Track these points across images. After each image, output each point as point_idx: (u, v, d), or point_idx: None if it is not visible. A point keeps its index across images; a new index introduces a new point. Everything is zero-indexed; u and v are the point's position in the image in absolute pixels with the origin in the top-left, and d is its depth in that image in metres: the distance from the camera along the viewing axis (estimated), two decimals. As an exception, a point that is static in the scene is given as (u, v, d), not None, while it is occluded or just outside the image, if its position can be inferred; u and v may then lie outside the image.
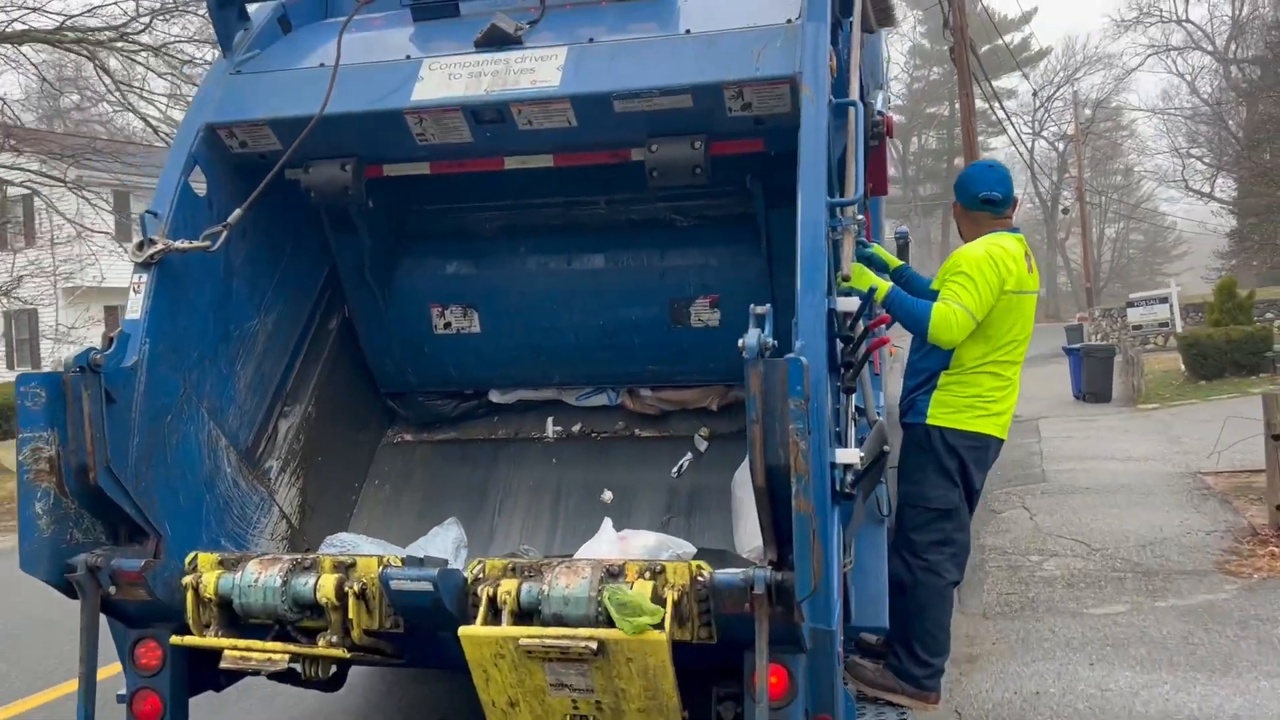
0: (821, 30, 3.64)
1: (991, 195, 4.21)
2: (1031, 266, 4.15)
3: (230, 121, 4.02)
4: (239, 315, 4.22)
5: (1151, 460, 11.23)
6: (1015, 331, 4.10)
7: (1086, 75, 64.34)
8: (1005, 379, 4.13)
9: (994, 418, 4.13)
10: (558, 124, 3.85)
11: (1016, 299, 4.06)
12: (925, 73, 74.08)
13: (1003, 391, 4.13)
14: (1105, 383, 17.97)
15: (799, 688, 3.08)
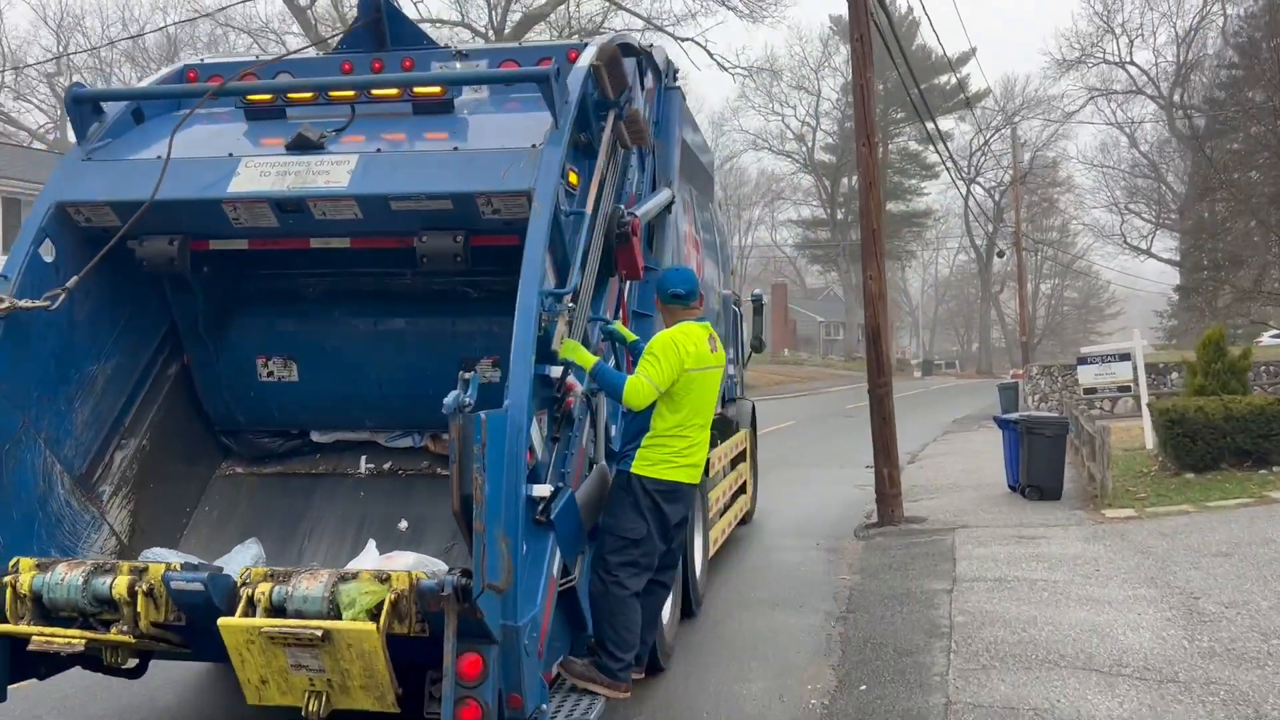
0: (555, 154, 4.60)
1: (678, 291, 5.22)
2: (716, 348, 5.16)
3: (77, 201, 4.84)
4: (79, 362, 5.00)
5: (1168, 664, 5.90)
6: (698, 401, 5.05)
7: (1026, 119, 64.07)
8: (693, 440, 5.10)
9: (684, 469, 5.08)
10: (346, 216, 4.75)
11: (699, 375, 5.02)
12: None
13: (691, 447, 5.09)
14: (1054, 472, 12.28)
15: (491, 671, 3.93)
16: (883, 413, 11.08)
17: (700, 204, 8.52)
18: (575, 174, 4.84)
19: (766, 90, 68.63)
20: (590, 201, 4.88)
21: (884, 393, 11.02)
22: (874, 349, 11.15)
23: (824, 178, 71.42)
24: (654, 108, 6.86)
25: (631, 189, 6.05)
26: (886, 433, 11.02)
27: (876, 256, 11.12)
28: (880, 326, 11.13)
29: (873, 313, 11.18)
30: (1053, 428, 12.42)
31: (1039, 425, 12.49)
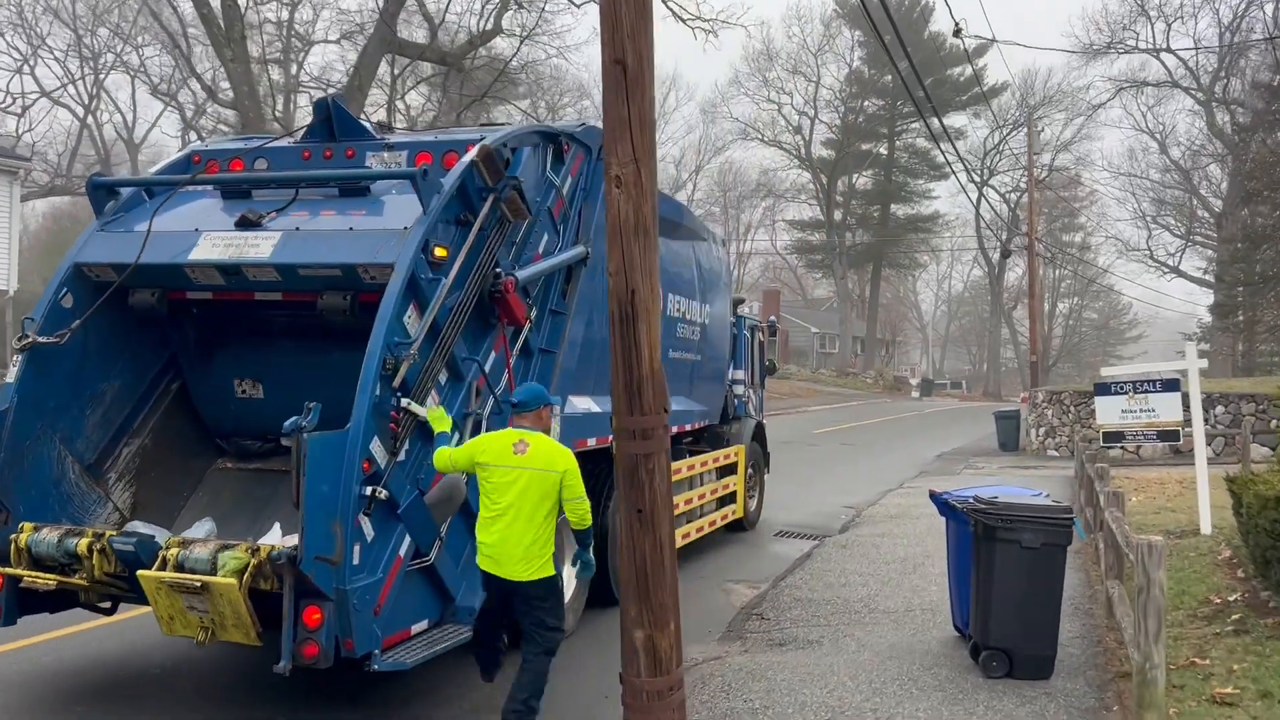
0: (418, 234, 6.04)
1: (512, 400, 6.00)
2: (523, 451, 5.62)
3: (88, 262, 6.59)
4: (91, 381, 6.75)
5: None
6: (491, 495, 5.67)
7: (1047, 113, 57.09)
8: (486, 530, 5.70)
9: (482, 557, 5.73)
10: (270, 278, 6.33)
11: (494, 471, 5.64)
12: (861, 104, 64.76)
13: (484, 538, 5.71)
14: (1039, 623, 6.72)
15: (327, 621, 5.40)
16: (644, 500, 5.15)
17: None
18: (443, 248, 6.27)
19: (761, 74, 63.18)
20: (456, 267, 6.29)
21: (649, 452, 5.08)
22: (626, 341, 5.12)
23: (821, 174, 65.16)
24: (584, 177, 8.23)
25: (538, 249, 7.45)
26: (652, 558, 5.18)
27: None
28: (639, 305, 5.09)
29: (624, 278, 5.16)
30: (1038, 531, 6.57)
31: (1012, 524, 6.59)
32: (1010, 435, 25.30)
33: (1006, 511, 6.70)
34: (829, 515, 14.76)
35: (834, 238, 64.46)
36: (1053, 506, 6.81)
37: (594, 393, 8.42)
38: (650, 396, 5.08)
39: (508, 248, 7.06)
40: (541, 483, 5.58)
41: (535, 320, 7.54)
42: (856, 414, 40.14)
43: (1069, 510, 6.82)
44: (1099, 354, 70.68)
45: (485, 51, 33.93)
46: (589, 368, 8.26)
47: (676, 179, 65.37)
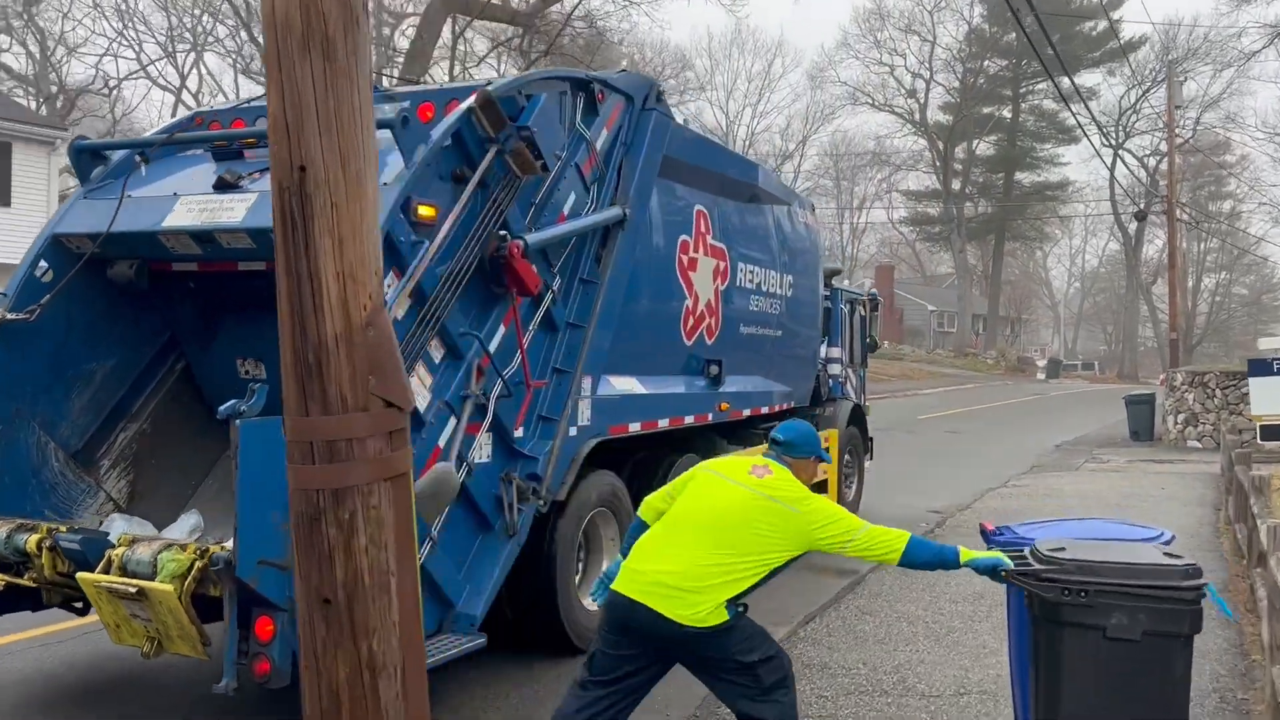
0: (395, 191, 5.27)
1: (775, 436, 4.86)
2: (760, 474, 4.50)
3: (66, 233, 6.07)
4: (76, 361, 6.25)
5: None
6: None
7: (1191, 67, 50.94)
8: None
9: None
10: (244, 245, 5.66)
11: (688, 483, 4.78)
12: (982, 63, 60.91)
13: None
14: None
15: (280, 633, 4.71)
16: (332, 580, 2.88)
17: (724, 213, 8.84)
18: (430, 206, 5.48)
19: (872, 34, 59.50)
20: (447, 228, 5.50)
21: (342, 486, 2.82)
22: (295, 268, 2.96)
23: (938, 140, 61.47)
24: (624, 129, 7.33)
25: (562, 210, 6.60)
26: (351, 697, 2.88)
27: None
28: (316, 194, 2.74)
29: (286, 140, 2.76)
30: (1136, 611, 4.00)
31: (1090, 597, 4.04)
32: (1143, 423, 22.54)
33: (1080, 577, 4.03)
34: (907, 522, 11.76)
35: (952, 208, 61.21)
36: (1165, 566, 4.07)
37: (636, 371, 7.54)
38: (344, 376, 2.79)
39: (522, 208, 6.24)
40: (767, 514, 4.29)
41: (562, 290, 6.71)
42: (971, 398, 37.73)
43: (1194, 574, 4.03)
44: (1250, 333, 64.87)
45: (563, 10, 32.37)
46: (630, 343, 7.38)
47: (783, 149, 63.56)
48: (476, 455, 5.94)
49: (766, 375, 10.03)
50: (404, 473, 2.76)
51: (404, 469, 2.77)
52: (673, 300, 8.03)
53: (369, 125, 2.71)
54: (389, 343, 2.81)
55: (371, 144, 2.66)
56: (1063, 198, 66.26)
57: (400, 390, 2.83)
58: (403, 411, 2.79)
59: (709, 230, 8.61)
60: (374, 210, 2.85)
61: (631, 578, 4.29)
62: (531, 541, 6.43)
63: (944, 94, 63.06)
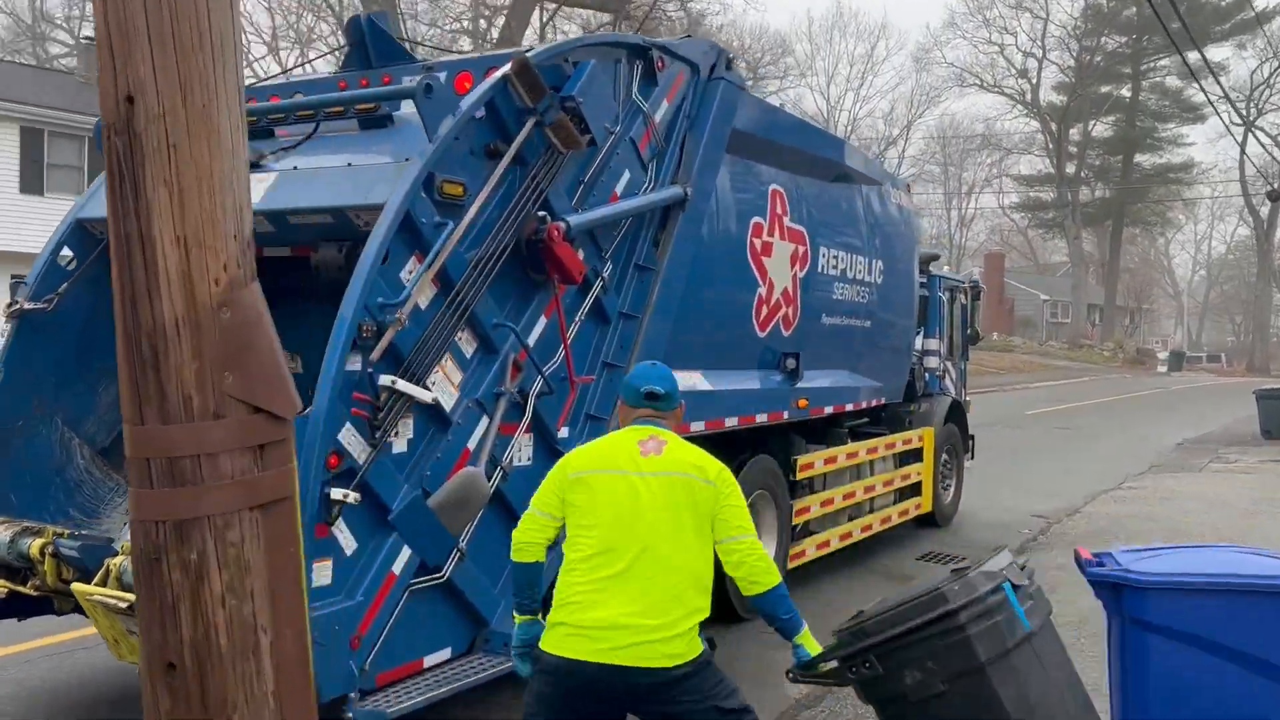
0: (416, 167, 4.76)
1: (646, 388, 3.84)
2: (656, 449, 3.62)
3: (89, 218, 5.75)
4: (102, 353, 5.91)
5: None
6: (589, 522, 3.59)
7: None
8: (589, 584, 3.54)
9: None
10: (264, 229, 5.21)
11: (580, 487, 3.67)
12: (1099, 40, 57.66)
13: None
14: None
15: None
16: (177, 644, 2.16)
17: (805, 193, 8.14)
18: (457, 184, 4.96)
19: (980, 12, 56.72)
20: (476, 208, 4.97)
21: (189, 518, 2.11)
22: (125, 234, 2.19)
23: (1051, 122, 58.41)
24: (687, 101, 6.71)
25: (614, 189, 6.02)
26: None
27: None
28: (146, 134, 2.12)
29: (113, 66, 2.12)
30: (923, 659, 3.45)
31: (886, 673, 3.51)
32: (1276, 420, 20.69)
33: (860, 645, 3.55)
34: (1006, 528, 11.24)
35: (1066, 193, 58.35)
36: (932, 594, 3.51)
37: (700, 365, 6.92)
38: (188, 372, 2.13)
39: (568, 187, 5.68)
40: (690, 493, 3.52)
41: (614, 278, 6.13)
42: (1085, 391, 35.57)
43: (971, 587, 3.50)
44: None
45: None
46: (693, 335, 6.76)
47: (886, 135, 61.53)
48: (515, 458, 5.42)
49: (854, 369, 9.28)
50: (282, 498, 2.17)
51: (280, 494, 2.15)
52: (743, 288, 7.37)
53: (226, 48, 2.03)
54: (258, 329, 2.20)
55: (233, 74, 2.06)
56: (1187, 180, 62.91)
57: (275, 391, 2.15)
58: (279, 420, 2.19)
59: (786, 211, 7.92)
60: (235, 158, 2.18)
61: (579, 637, 3.34)
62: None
63: (1058, 73, 60.50)
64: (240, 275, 2.14)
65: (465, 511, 4.90)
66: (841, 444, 9.09)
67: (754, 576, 3.50)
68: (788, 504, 7.97)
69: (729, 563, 3.52)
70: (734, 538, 3.51)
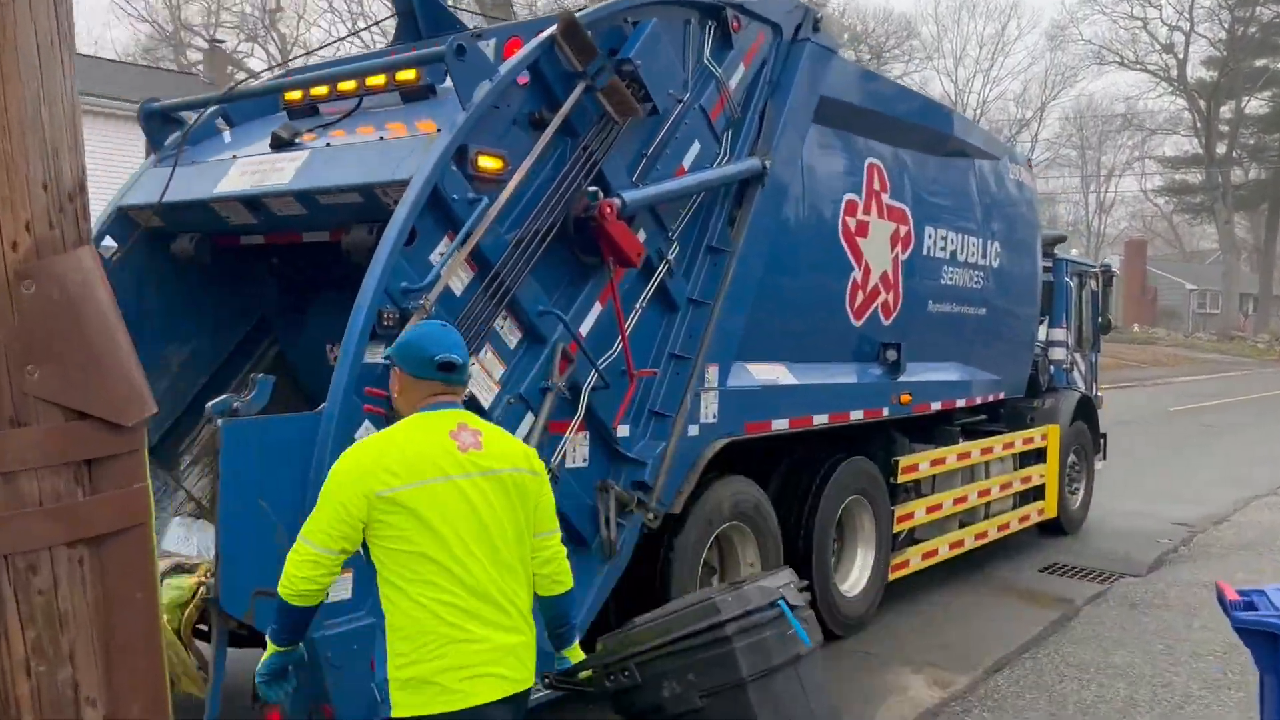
0: (445, 139, 4.29)
1: (439, 356, 3.06)
2: (474, 443, 3.02)
3: (130, 205, 5.50)
4: (150, 347, 5.65)
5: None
6: (417, 541, 2.97)
7: None
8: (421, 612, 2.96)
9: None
10: (294, 212, 4.86)
11: (393, 504, 2.97)
12: (1254, 10, 52.80)
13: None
14: None
15: (290, 679, 3.86)
16: None
17: (907, 167, 7.41)
18: (495, 156, 4.48)
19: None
20: (515, 184, 4.48)
21: None
22: None
23: (1200, 99, 53.92)
24: (767, 65, 6.10)
25: (680, 162, 5.46)
26: None
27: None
28: None
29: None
30: (684, 670, 3.26)
31: (644, 683, 3.29)
32: None
33: (621, 653, 3.35)
34: (1144, 537, 10.09)
35: (1216, 175, 54.04)
36: (706, 603, 3.33)
37: (784, 357, 6.29)
38: None
39: (628, 161, 5.15)
40: (521, 491, 3.03)
41: (682, 260, 5.56)
42: (1236, 387, 32.69)
43: (746, 600, 3.31)
44: None
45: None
46: (776, 323, 6.15)
47: (1019, 117, 58.63)
48: (567, 459, 4.92)
49: (966, 361, 8.46)
50: (124, 530, 1.68)
51: (120, 523, 1.67)
52: (835, 272, 6.70)
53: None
54: (82, 309, 1.69)
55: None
56: None
57: (107, 390, 1.64)
58: (116, 428, 1.70)
59: (885, 188, 7.20)
60: (48, 81, 1.65)
61: (471, 681, 2.83)
62: (644, 564, 5.36)
63: (1207, 47, 56.29)
64: (55, 238, 1.65)
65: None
66: (952, 443, 8.30)
67: (560, 575, 3.19)
68: (888, 510, 7.26)
69: (540, 558, 3.10)
70: (550, 531, 3.17)
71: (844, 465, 6.74)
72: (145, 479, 1.70)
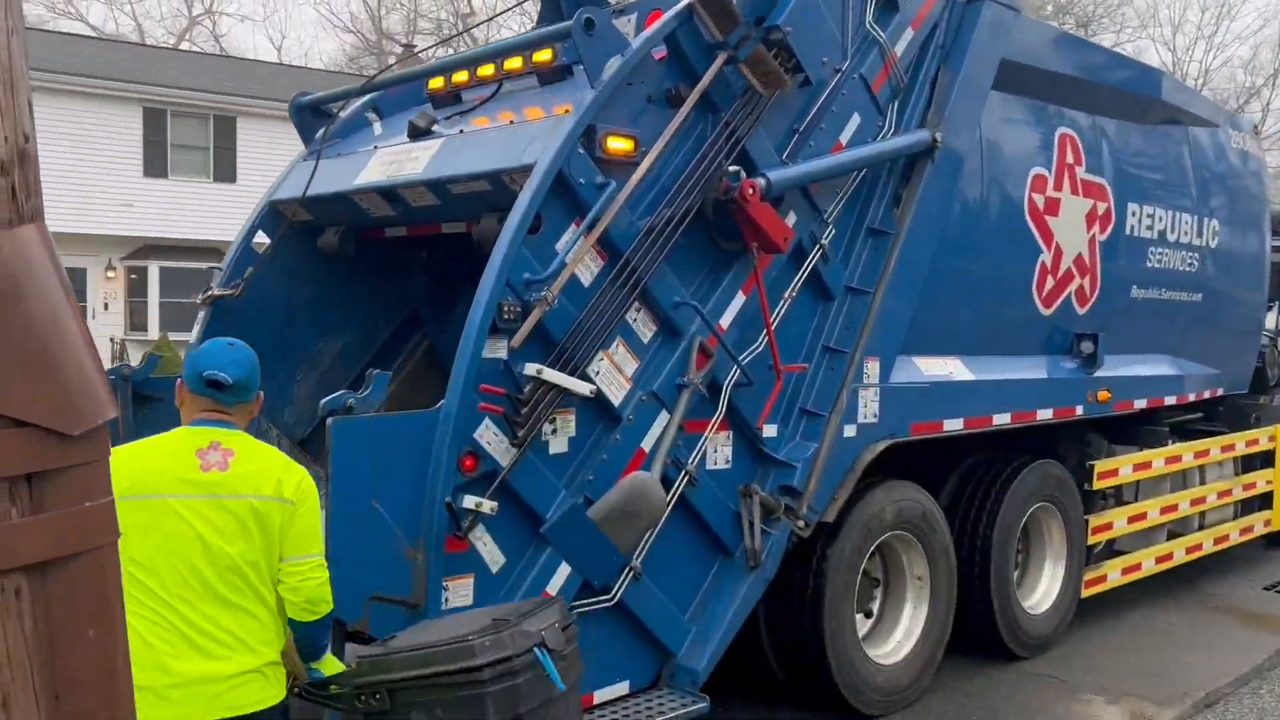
0: (569, 123, 4.02)
1: (209, 374, 2.92)
2: (220, 463, 2.86)
3: (281, 199, 5.52)
4: (300, 340, 5.71)
5: None
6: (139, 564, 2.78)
7: None
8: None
9: None
10: (428, 202, 4.71)
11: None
12: None
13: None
14: None
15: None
16: None
17: (1106, 137, 6.64)
18: (625, 136, 4.17)
19: None
20: (648, 165, 4.15)
21: None
22: None
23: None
24: (939, 29, 5.54)
25: (837, 138, 5.00)
26: None
27: None
28: None
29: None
30: (433, 705, 3.14)
31: (394, 711, 3.18)
32: None
33: (374, 676, 3.15)
34: None
35: None
36: (466, 642, 3.13)
37: (958, 350, 5.71)
38: None
39: (776, 137, 4.74)
40: (259, 519, 2.83)
41: (840, 245, 5.10)
42: None
43: (506, 645, 3.14)
44: None
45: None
46: (948, 313, 5.60)
47: (1248, 85, 53.31)
48: (708, 460, 4.58)
49: (1177, 354, 7.56)
50: (77, 554, 1.42)
51: (71, 547, 1.40)
52: (1019, 255, 6.05)
53: None
54: (18, 296, 1.43)
55: None
56: None
57: (46, 393, 1.35)
58: (61, 436, 1.42)
59: (1080, 160, 6.46)
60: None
61: (158, 702, 2.67)
62: (797, 577, 4.96)
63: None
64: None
65: (634, 524, 4.12)
66: (1160, 445, 7.42)
67: (313, 604, 2.94)
68: (1080, 519, 6.53)
69: (287, 584, 2.89)
70: (300, 556, 2.91)
71: (1029, 470, 6.08)
72: (106, 495, 1.46)
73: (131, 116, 21.36)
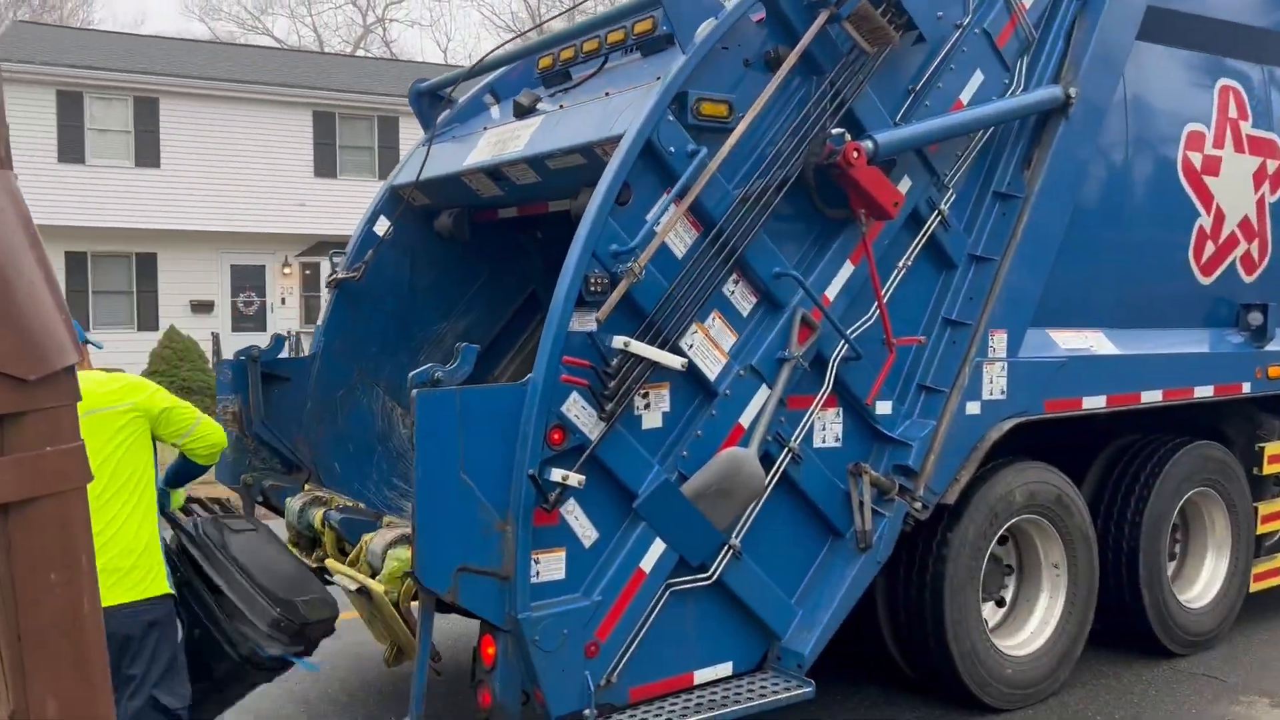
0: (658, 90, 3.92)
1: None
2: None
3: (400, 184, 5.64)
4: (423, 322, 5.82)
5: None
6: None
7: None
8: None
9: None
10: (530, 180, 4.70)
11: None
12: None
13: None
14: None
15: (500, 661, 3.71)
16: None
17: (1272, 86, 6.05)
18: (719, 103, 4.03)
19: None
20: (743, 130, 4.00)
21: None
22: None
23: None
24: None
25: (957, 96, 4.71)
26: None
27: None
28: None
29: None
30: None
31: None
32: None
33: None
34: None
35: None
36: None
37: (1100, 322, 5.31)
38: None
39: (888, 99, 4.50)
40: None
41: (963, 210, 4.82)
42: None
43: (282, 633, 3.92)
44: None
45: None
46: (1085, 281, 5.21)
47: None
48: (815, 438, 4.40)
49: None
50: (36, 498, 1.39)
51: (30, 490, 1.37)
52: (1172, 219, 5.58)
53: None
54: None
55: None
56: None
57: (8, 334, 1.31)
58: (16, 381, 1.38)
59: (1246, 115, 5.90)
60: None
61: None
62: (916, 561, 4.73)
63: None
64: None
65: (730, 501, 3.99)
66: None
67: (215, 444, 3.99)
68: (1248, 507, 5.97)
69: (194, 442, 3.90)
70: (195, 420, 3.86)
71: (1184, 451, 5.60)
72: (73, 440, 1.46)
73: (303, 120, 22.48)
